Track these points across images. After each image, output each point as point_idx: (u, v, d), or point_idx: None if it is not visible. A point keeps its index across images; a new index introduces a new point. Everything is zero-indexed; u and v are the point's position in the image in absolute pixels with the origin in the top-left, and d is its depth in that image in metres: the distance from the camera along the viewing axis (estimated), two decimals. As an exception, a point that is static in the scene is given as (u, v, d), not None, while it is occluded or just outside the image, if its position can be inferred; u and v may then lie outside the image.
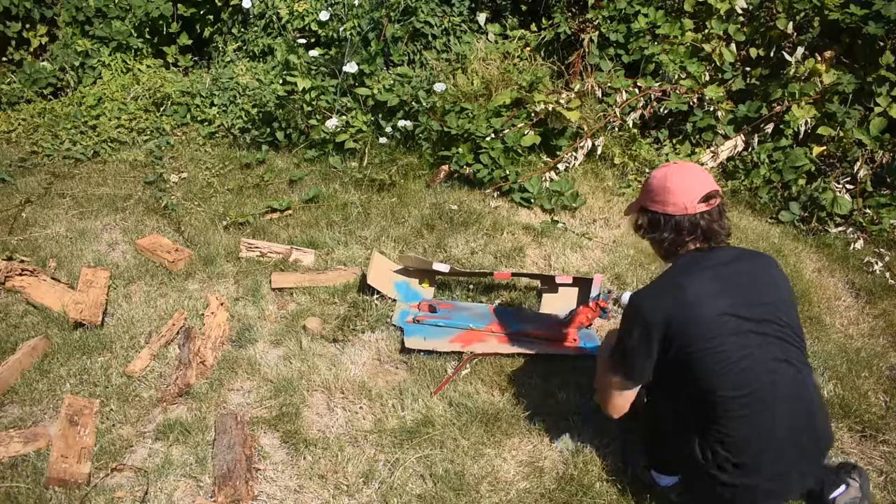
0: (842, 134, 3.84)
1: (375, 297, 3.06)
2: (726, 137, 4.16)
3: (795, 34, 4.14)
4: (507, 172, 3.90)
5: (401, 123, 4.17)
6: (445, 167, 4.05)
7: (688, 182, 2.04)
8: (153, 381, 2.66)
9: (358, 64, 4.17)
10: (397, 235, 3.55)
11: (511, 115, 4.12)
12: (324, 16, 4.52)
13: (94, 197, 3.88)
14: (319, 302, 3.08)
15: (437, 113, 4.16)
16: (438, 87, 4.18)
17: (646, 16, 4.43)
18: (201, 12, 5.20)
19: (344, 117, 4.22)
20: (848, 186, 3.81)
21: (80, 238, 3.51)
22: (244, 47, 5.12)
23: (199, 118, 4.69)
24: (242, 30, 5.15)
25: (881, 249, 3.55)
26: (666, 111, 4.26)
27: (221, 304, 3.02)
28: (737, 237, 3.60)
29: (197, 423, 2.47)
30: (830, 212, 3.70)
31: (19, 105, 4.86)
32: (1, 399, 2.54)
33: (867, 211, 3.71)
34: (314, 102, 4.18)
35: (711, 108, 4.17)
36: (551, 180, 3.96)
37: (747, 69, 4.29)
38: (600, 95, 4.30)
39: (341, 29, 4.54)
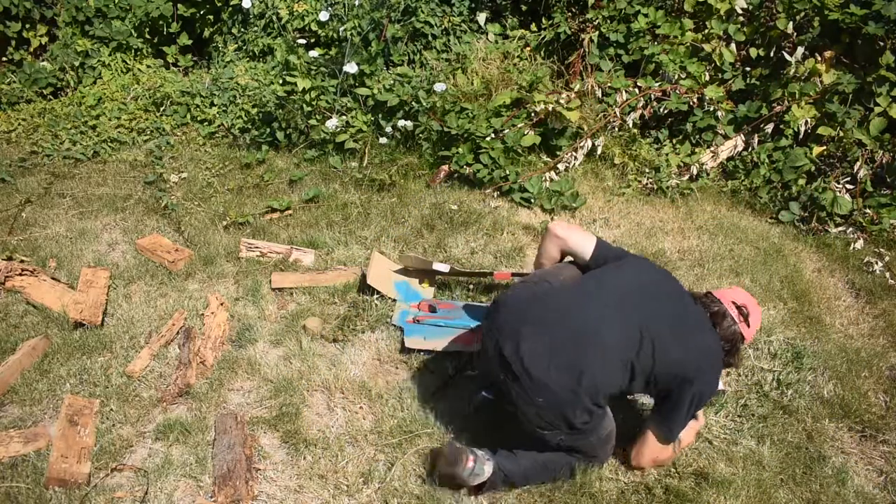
0: (842, 134, 3.83)
1: (375, 297, 3.06)
2: (726, 137, 4.16)
3: (795, 34, 4.14)
4: (507, 172, 3.90)
5: (401, 123, 4.17)
6: (445, 167, 4.05)
7: None
8: (153, 381, 2.66)
9: (358, 64, 4.17)
10: (397, 235, 3.55)
11: (511, 115, 4.12)
12: (324, 16, 4.51)
13: (94, 197, 3.88)
14: (319, 302, 3.08)
15: (437, 113, 4.16)
16: (438, 87, 4.17)
17: (646, 16, 4.43)
18: (201, 12, 5.20)
19: (344, 117, 4.22)
20: (848, 186, 3.82)
21: (80, 238, 3.51)
22: (244, 47, 5.12)
23: (199, 118, 4.68)
24: (242, 30, 5.15)
25: (881, 249, 3.55)
26: (666, 111, 4.26)
27: (221, 304, 3.02)
28: (737, 237, 3.60)
29: (197, 423, 2.47)
30: (830, 212, 3.70)
31: (19, 105, 4.86)
32: (1, 399, 2.54)
33: (867, 211, 3.71)
34: (314, 102, 4.18)
35: (711, 108, 4.17)
36: (551, 180, 3.96)
37: (747, 69, 4.29)
38: (600, 95, 4.30)
39: (341, 29, 4.53)
